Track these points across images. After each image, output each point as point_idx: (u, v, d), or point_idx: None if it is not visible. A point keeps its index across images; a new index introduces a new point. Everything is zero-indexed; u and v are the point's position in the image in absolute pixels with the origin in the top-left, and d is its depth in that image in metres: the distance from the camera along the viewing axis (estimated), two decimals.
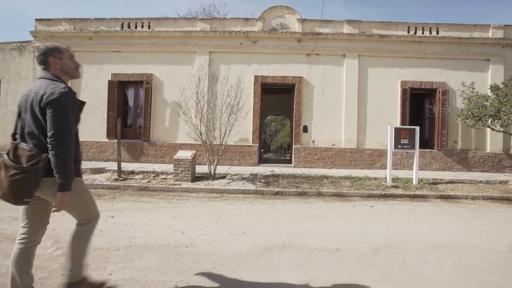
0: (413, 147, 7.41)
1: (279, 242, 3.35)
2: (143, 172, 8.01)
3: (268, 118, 23.94)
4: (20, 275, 1.81)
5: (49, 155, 1.73)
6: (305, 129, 9.89)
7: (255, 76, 9.93)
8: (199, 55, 9.89)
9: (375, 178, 7.85)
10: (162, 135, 10.07)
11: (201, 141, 7.40)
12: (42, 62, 1.93)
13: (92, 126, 10.18)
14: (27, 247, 1.86)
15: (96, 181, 7.30)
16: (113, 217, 4.26)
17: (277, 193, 6.76)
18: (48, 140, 1.74)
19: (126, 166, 8.85)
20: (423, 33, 9.90)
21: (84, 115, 10.23)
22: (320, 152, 9.77)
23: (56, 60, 1.93)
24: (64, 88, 1.80)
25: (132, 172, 8.00)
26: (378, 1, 61.18)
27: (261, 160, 10.55)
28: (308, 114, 9.91)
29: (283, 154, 22.57)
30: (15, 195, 1.70)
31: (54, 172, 1.73)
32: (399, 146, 7.40)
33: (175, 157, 7.33)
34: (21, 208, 1.88)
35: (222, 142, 7.48)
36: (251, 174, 7.85)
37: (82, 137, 10.38)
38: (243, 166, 9.74)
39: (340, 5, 61.81)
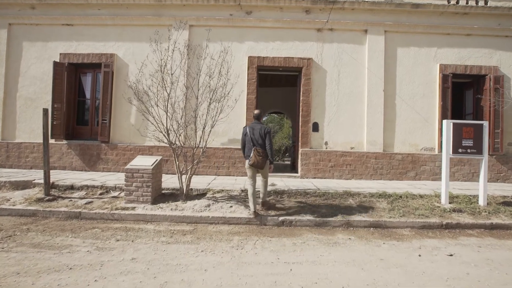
0: (479, 152, 5.07)
1: None
2: (88, 187, 5.54)
3: (264, 118, 21.61)
4: (254, 200, 4.36)
5: (266, 151, 4.36)
6: (316, 127, 7.52)
7: (250, 57, 7.55)
8: (177, 29, 7.43)
9: (421, 196, 5.49)
10: (127, 135, 7.60)
11: (167, 142, 4.96)
12: (259, 117, 4.63)
13: (33, 123, 7.66)
14: (254, 188, 4.41)
15: (8, 202, 4.81)
16: None
17: (282, 223, 4.35)
18: (266, 145, 4.37)
19: (71, 177, 6.38)
20: (467, 3, 7.61)
21: (23, 109, 7.75)
22: (336, 157, 7.39)
23: (262, 117, 5.24)
24: (269, 127, 4.67)
25: (71, 187, 5.53)
26: None
27: None
28: (319, 108, 7.55)
29: (282, 158, 20.28)
30: (262, 165, 4.29)
31: (269, 156, 4.37)
32: (460, 151, 5.05)
33: (127, 166, 4.87)
34: (248, 173, 4.50)
35: (200, 144, 5.06)
36: (242, 191, 5.42)
37: (19, 138, 7.82)
38: (233, 176, 7.31)
39: None
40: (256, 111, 4.68)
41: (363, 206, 4.96)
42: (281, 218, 4.36)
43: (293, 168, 9.10)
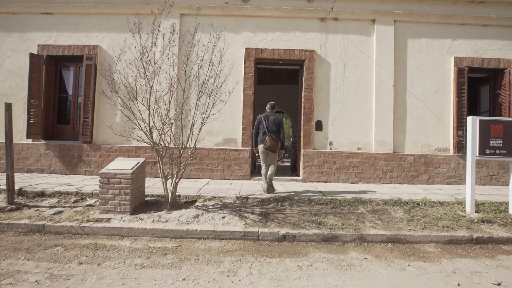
0: (510, 153, 4.41)
1: None
2: (61, 193, 4.85)
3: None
4: (265, 179, 5.13)
5: (279, 138, 5.04)
6: (319, 126, 6.85)
7: (247, 50, 6.88)
8: (166, 19, 6.76)
9: (441, 203, 4.82)
10: (111, 135, 6.84)
11: (149, 142, 4.28)
12: (273, 108, 5.29)
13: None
14: (266, 170, 5.12)
15: None
16: None
17: (284, 237, 3.67)
18: (279, 133, 5.06)
19: (46, 181, 5.68)
20: None
21: None
22: (341, 159, 6.73)
23: (276, 107, 5.54)
24: (281, 117, 6.06)
25: (42, 194, 4.83)
26: None
27: (255, 170, 7.47)
28: (322, 105, 6.88)
29: (281, 159, 19.57)
30: (275, 149, 4.99)
31: (281, 143, 5.06)
32: (488, 152, 4.39)
33: (102, 170, 4.18)
34: (261, 157, 5.14)
35: (188, 144, 4.38)
36: (238, 198, 4.74)
37: None
38: (229, 179, 6.63)
39: None
40: (271, 102, 5.37)
41: (376, 216, 4.28)
42: (282, 232, 3.68)
43: (293, 171, 8.43)
